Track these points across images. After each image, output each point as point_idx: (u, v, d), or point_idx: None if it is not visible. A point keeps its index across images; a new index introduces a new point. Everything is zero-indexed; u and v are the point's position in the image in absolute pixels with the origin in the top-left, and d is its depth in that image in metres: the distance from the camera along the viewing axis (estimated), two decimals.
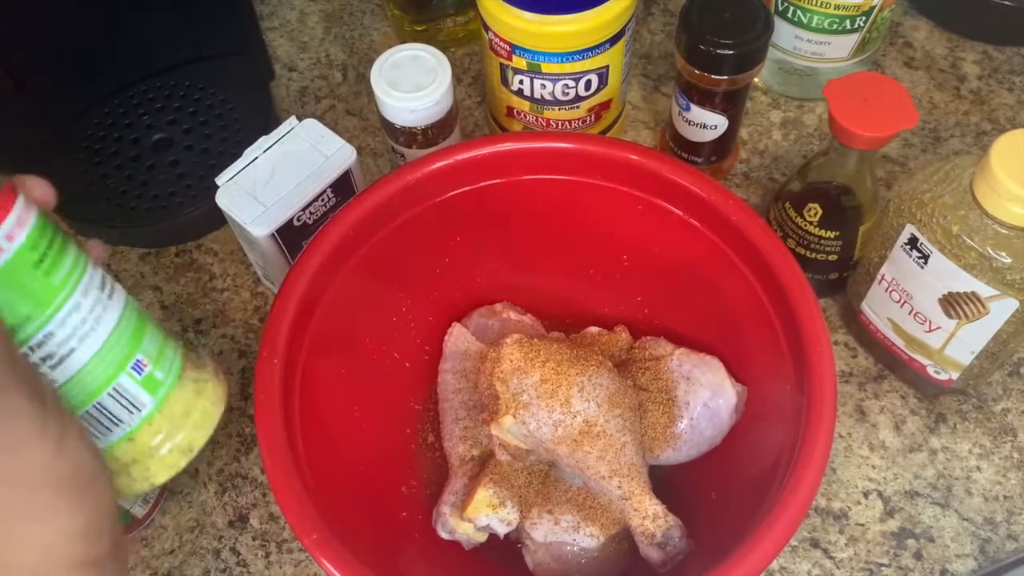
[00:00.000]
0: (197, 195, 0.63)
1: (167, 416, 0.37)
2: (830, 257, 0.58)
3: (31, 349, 0.33)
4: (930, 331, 0.52)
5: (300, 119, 0.57)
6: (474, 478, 0.50)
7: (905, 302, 0.52)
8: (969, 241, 0.46)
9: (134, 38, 0.65)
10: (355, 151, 0.56)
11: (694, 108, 0.60)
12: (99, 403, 0.35)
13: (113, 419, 0.35)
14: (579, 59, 0.57)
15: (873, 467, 0.55)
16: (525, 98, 0.61)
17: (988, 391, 0.57)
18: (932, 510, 0.54)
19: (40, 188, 0.34)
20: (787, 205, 0.58)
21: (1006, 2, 0.69)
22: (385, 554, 0.47)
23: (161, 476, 0.37)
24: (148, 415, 0.36)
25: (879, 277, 0.53)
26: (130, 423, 0.36)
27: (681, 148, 0.64)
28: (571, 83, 0.59)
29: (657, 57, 0.73)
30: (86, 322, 0.34)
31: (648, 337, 0.54)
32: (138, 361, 0.36)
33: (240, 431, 0.58)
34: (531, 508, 0.49)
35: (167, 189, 0.64)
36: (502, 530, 0.48)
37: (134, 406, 0.36)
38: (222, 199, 0.54)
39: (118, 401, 0.35)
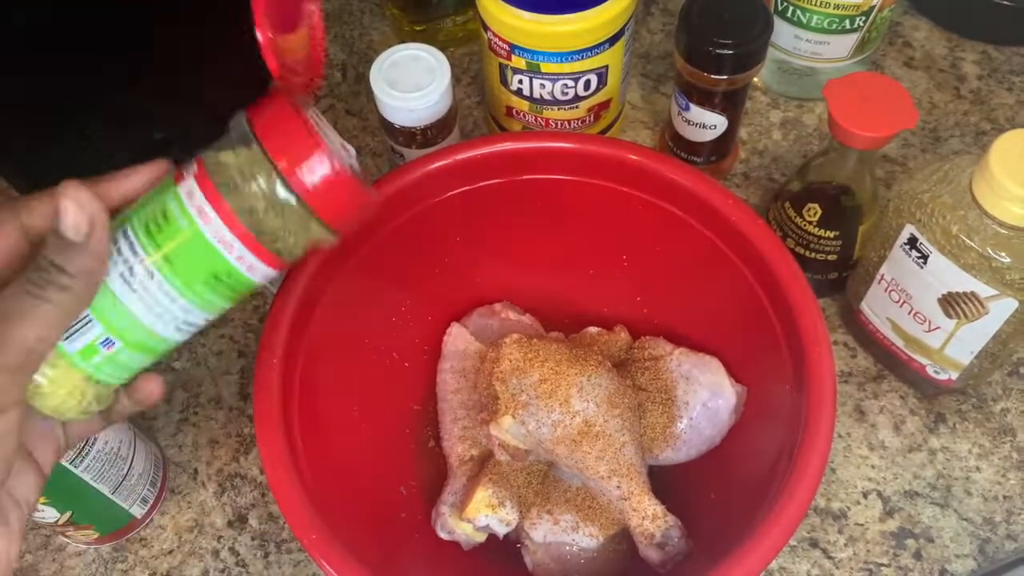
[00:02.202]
0: None
1: None
2: (829, 257, 0.58)
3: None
4: (929, 331, 0.52)
5: None
6: (473, 478, 0.50)
7: (904, 302, 0.52)
8: (968, 241, 0.46)
9: (132, 38, 0.65)
10: (354, 151, 0.56)
11: (693, 108, 0.60)
12: None
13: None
14: (578, 59, 0.57)
15: (872, 467, 0.55)
16: (524, 98, 0.61)
17: (987, 391, 0.57)
18: (931, 510, 0.54)
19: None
20: (786, 205, 0.58)
21: (1006, 2, 0.69)
22: (384, 554, 0.47)
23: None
24: None
25: (878, 277, 0.53)
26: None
27: (680, 148, 0.64)
28: (570, 83, 0.59)
29: (656, 57, 0.73)
30: None
31: (647, 337, 0.54)
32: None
33: (239, 431, 0.58)
34: (530, 508, 0.49)
35: None
36: (501, 530, 0.48)
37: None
38: None
39: None
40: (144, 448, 0.53)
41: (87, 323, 0.35)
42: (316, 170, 0.34)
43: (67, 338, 0.35)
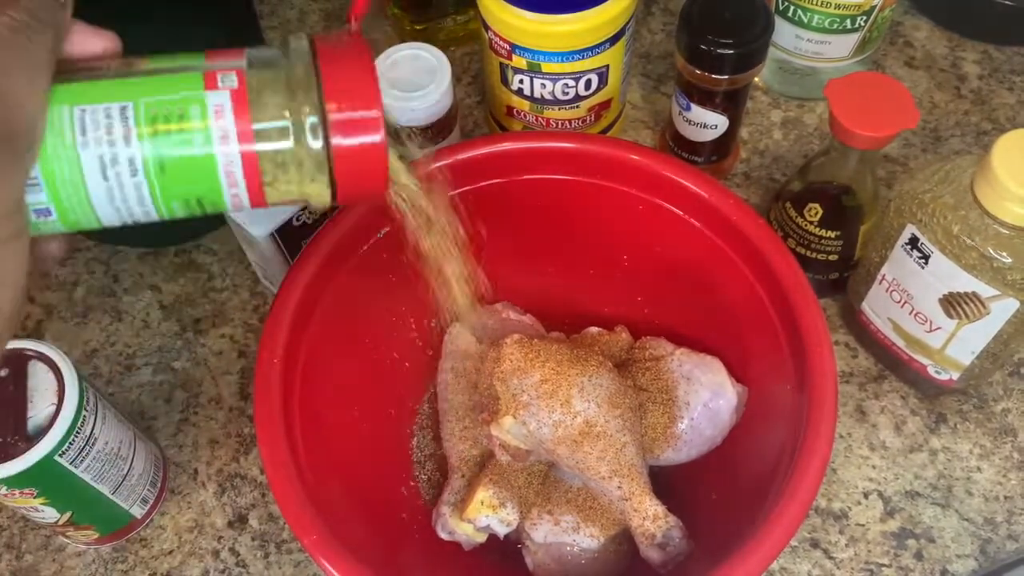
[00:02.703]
0: None
1: None
2: (830, 257, 0.58)
3: None
4: (930, 331, 0.52)
5: None
6: (474, 478, 0.50)
7: (906, 302, 0.52)
8: (970, 241, 0.46)
9: (133, 38, 0.65)
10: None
11: (694, 108, 0.60)
12: None
13: None
14: (579, 58, 0.57)
15: (873, 467, 0.55)
16: (525, 97, 0.61)
17: (989, 391, 0.57)
18: (932, 510, 0.54)
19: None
20: (787, 205, 0.58)
21: (1007, 2, 0.68)
22: (384, 555, 0.47)
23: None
24: None
25: (879, 277, 0.53)
26: None
27: (681, 148, 0.64)
28: (571, 82, 0.59)
29: (657, 56, 0.72)
30: None
31: (648, 337, 0.54)
32: None
33: (239, 431, 0.58)
34: (531, 509, 0.49)
35: None
36: (502, 531, 0.48)
37: None
38: None
39: None
40: (144, 448, 0.53)
41: (31, 185, 0.30)
42: (365, 130, 0.31)
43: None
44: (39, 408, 0.46)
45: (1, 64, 0.27)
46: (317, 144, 0.31)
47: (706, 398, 0.49)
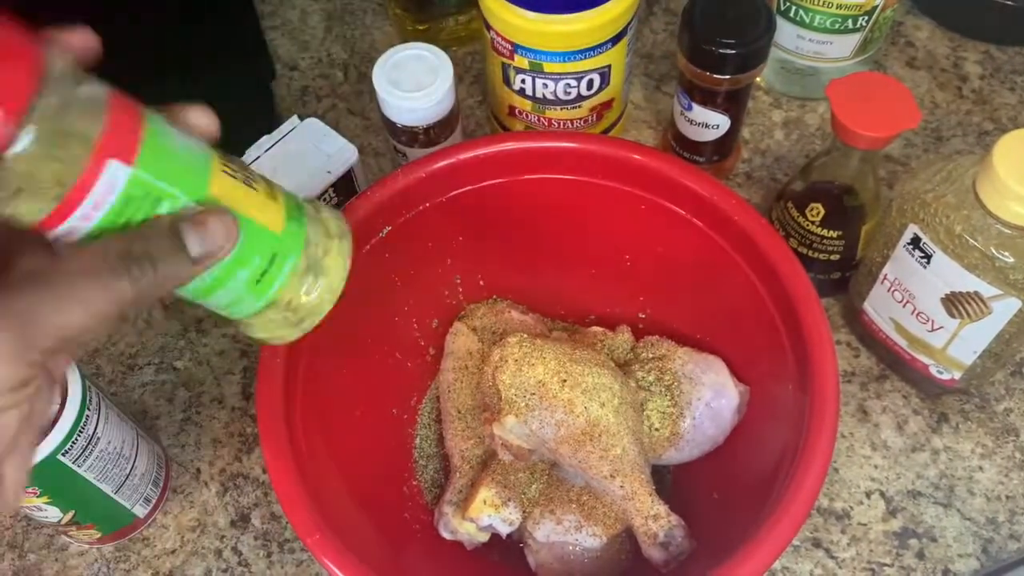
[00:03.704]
0: None
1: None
2: (832, 257, 0.58)
3: None
4: (932, 331, 0.52)
5: (302, 118, 0.57)
6: (476, 478, 0.50)
7: (908, 302, 0.52)
8: (972, 241, 0.46)
9: (133, 37, 0.65)
10: (357, 150, 0.56)
11: (696, 108, 0.60)
12: None
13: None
14: (581, 58, 0.57)
15: (875, 467, 0.55)
16: (527, 97, 0.61)
17: (990, 391, 0.57)
18: (934, 510, 0.54)
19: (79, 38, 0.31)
20: (789, 205, 0.58)
21: (1008, 2, 0.68)
22: (387, 554, 0.47)
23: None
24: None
25: (881, 277, 0.53)
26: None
27: (683, 148, 0.64)
28: (573, 82, 0.59)
29: (659, 56, 0.72)
30: None
31: (650, 337, 0.54)
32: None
33: (242, 431, 0.58)
34: (533, 508, 0.49)
35: None
36: (504, 530, 0.48)
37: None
38: None
39: None
40: (147, 448, 0.53)
41: None
42: None
43: None
44: None
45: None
46: None
47: (708, 398, 0.49)
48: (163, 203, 0.31)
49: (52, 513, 0.49)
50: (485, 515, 0.47)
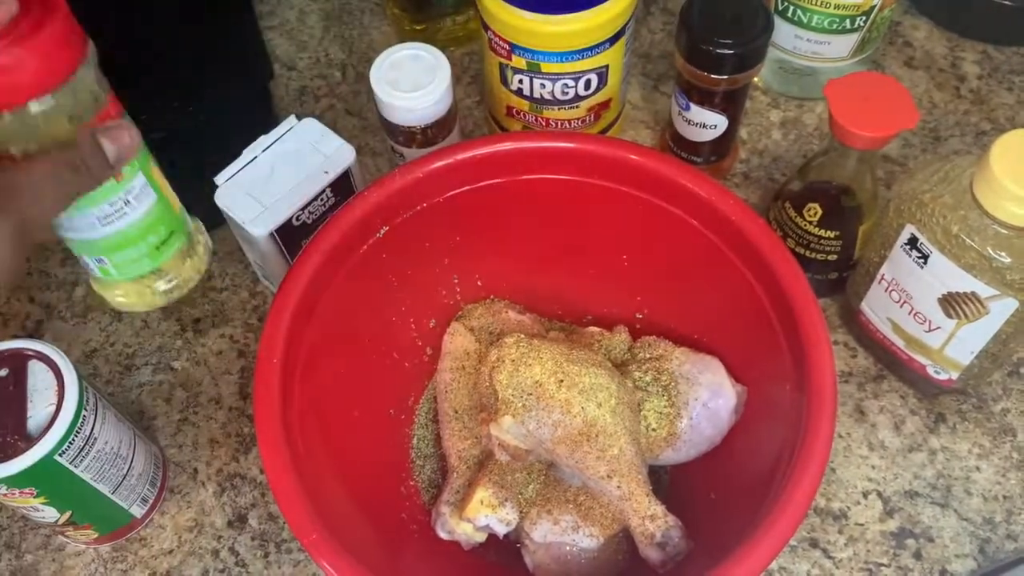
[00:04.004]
0: (196, 194, 0.63)
1: None
2: (830, 257, 0.58)
3: None
4: (930, 331, 0.52)
5: (299, 118, 0.57)
6: (473, 478, 0.50)
7: (905, 302, 0.52)
8: (969, 241, 0.46)
9: (131, 37, 0.65)
10: (354, 150, 0.56)
11: (694, 108, 0.60)
12: None
13: None
14: (579, 58, 0.57)
15: (872, 467, 0.55)
16: (524, 97, 0.61)
17: (988, 391, 0.57)
18: (931, 510, 0.54)
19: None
20: (787, 205, 0.58)
21: (1006, 2, 0.69)
22: (384, 554, 0.47)
23: None
24: None
25: (879, 277, 0.53)
26: None
27: (681, 148, 0.64)
28: (571, 82, 0.59)
29: (657, 56, 0.73)
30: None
31: (647, 337, 0.54)
32: None
33: (239, 431, 0.58)
34: (530, 508, 0.49)
35: None
36: (501, 530, 0.48)
37: None
38: (221, 198, 0.54)
39: None
40: (144, 448, 0.53)
41: None
42: None
43: None
44: (39, 408, 0.46)
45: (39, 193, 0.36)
46: None
47: (705, 398, 0.49)
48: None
49: (49, 513, 0.49)
50: (482, 515, 0.47)
